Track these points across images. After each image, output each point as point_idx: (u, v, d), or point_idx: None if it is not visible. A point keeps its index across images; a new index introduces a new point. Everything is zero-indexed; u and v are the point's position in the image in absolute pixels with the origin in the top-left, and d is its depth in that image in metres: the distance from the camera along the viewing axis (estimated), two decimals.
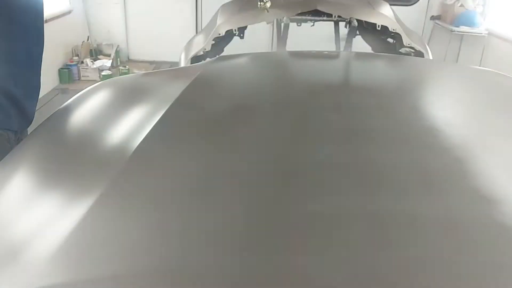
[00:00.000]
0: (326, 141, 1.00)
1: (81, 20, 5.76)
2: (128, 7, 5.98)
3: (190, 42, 3.06)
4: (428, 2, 5.97)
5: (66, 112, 1.23)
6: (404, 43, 2.73)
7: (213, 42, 2.56)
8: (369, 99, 1.28)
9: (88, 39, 5.70)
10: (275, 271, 0.61)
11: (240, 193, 0.77)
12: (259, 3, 1.88)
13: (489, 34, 5.30)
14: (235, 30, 2.77)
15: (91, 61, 5.28)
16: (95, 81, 5.18)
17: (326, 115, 1.14)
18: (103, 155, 0.95)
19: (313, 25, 3.11)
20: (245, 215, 0.71)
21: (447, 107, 1.28)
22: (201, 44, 2.73)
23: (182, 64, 2.68)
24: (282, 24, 3.06)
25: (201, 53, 2.56)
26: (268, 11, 2.03)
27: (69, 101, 1.29)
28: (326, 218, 0.72)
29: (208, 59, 2.61)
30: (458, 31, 5.40)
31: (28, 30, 1.39)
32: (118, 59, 5.84)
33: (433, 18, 6.07)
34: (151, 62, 6.13)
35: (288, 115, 1.16)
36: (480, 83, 1.57)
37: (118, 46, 5.92)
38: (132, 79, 1.68)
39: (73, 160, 0.95)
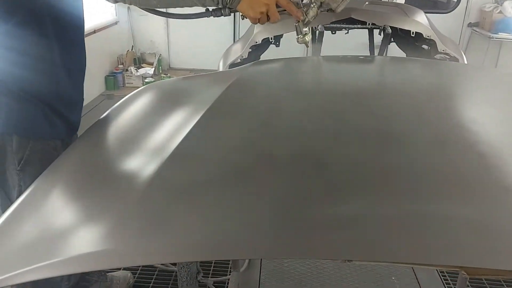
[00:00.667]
0: (358, 139, 1.08)
1: (126, 31, 6.08)
2: (170, 19, 6.25)
3: (228, 50, 3.22)
4: (466, 9, 5.91)
5: (113, 115, 1.31)
6: (439, 49, 2.77)
7: (250, 50, 2.67)
8: (404, 101, 1.35)
9: (132, 49, 6.01)
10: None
11: (277, 179, 0.89)
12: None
13: None
14: (271, 38, 2.89)
15: (135, 69, 5.56)
16: (138, 87, 5.47)
17: (359, 116, 1.21)
18: (148, 153, 1.03)
19: (347, 32, 3.20)
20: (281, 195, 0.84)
21: (481, 108, 1.34)
22: (238, 51, 2.86)
23: (220, 71, 2.82)
24: (317, 32, 3.16)
25: (238, 60, 2.68)
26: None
27: (116, 104, 1.38)
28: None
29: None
30: (496, 38, 5.33)
31: (71, 44, 1.42)
32: (160, 67, 6.10)
33: (470, 25, 6.00)
34: (190, 70, 6.36)
35: (321, 114, 1.24)
36: None
37: (160, 55, 6.20)
38: (173, 83, 1.78)
39: (118, 160, 1.04)
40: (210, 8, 1.38)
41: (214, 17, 1.37)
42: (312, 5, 1.44)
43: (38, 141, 1.42)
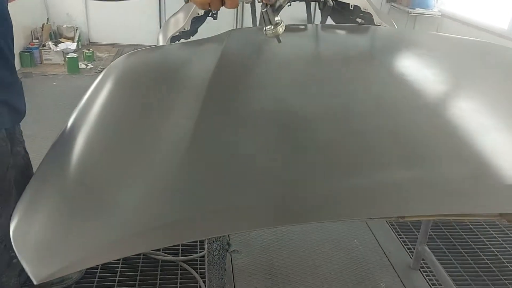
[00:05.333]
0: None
1: (39, 2, 5.55)
2: None
3: (167, 23, 3.10)
4: None
5: (106, 89, 1.23)
6: (375, 22, 2.91)
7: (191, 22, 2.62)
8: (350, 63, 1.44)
9: (47, 22, 5.51)
10: None
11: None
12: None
13: (442, 15, 5.64)
14: (213, 10, 2.83)
15: (54, 44, 5.12)
16: (59, 65, 5.09)
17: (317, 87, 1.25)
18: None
19: (290, 5, 3.22)
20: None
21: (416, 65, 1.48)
22: (180, 24, 2.77)
23: (161, 43, 2.71)
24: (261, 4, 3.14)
25: (179, 33, 2.62)
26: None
27: (99, 79, 1.30)
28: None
29: (183, 40, 2.70)
30: (414, 13, 5.71)
31: None
32: (79, 42, 5.69)
33: (389, 0, 6.36)
34: (113, 45, 6.02)
35: (300, 82, 1.27)
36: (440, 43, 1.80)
37: (77, 29, 5.77)
38: (164, 51, 1.69)
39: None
40: None
41: None
42: None
43: None
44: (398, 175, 0.79)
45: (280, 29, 1.01)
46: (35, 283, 0.59)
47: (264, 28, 1.01)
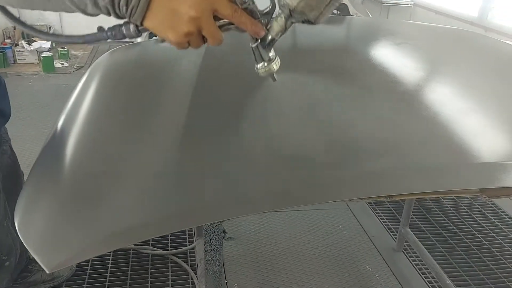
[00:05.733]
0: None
1: None
2: None
3: None
4: None
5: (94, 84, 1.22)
6: (350, 13, 2.97)
7: None
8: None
9: None
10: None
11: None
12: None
13: (415, 4, 5.77)
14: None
15: (27, 43, 5.02)
16: (33, 64, 4.99)
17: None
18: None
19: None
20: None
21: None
22: None
23: (139, 39, 2.71)
24: None
25: None
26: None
27: (87, 73, 1.29)
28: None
29: None
30: (387, 3, 5.81)
31: None
32: None
33: None
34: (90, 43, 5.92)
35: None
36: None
37: (51, 27, 5.66)
38: (147, 47, 1.70)
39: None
40: (106, 27, 0.78)
41: (113, 40, 0.78)
42: (277, 15, 0.80)
43: None
44: (383, 157, 0.84)
45: (274, 66, 0.83)
46: (47, 272, 0.61)
47: (256, 66, 0.83)
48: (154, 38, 2.51)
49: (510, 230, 2.45)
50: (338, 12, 3.33)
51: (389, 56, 1.49)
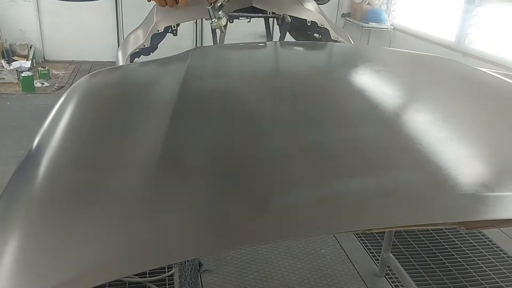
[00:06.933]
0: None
1: None
2: (41, 5, 5.67)
3: (126, 39, 3.06)
4: (339, 1, 6.46)
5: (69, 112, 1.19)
6: (332, 37, 3.00)
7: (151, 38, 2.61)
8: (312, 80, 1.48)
9: None
10: None
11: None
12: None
13: (394, 29, 5.90)
14: (173, 26, 2.84)
15: (6, 63, 4.94)
16: (12, 83, 4.90)
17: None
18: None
19: (250, 21, 3.27)
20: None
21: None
22: (139, 40, 2.75)
23: (121, 61, 2.69)
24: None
25: (139, 49, 2.60)
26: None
27: (61, 102, 1.24)
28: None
29: (143, 57, 2.69)
30: (367, 27, 5.93)
31: None
32: (34, 59, 5.52)
33: (344, 15, 6.58)
34: (70, 62, 5.87)
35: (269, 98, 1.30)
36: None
37: (32, 46, 5.60)
38: (127, 70, 1.68)
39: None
40: None
41: None
42: None
43: None
44: (361, 188, 0.82)
45: (222, 21, 1.32)
46: None
47: (210, 22, 1.31)
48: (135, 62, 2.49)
49: (494, 257, 2.45)
50: (320, 36, 3.36)
51: (370, 83, 1.50)
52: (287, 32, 3.55)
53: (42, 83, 4.95)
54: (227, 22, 1.36)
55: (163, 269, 2.13)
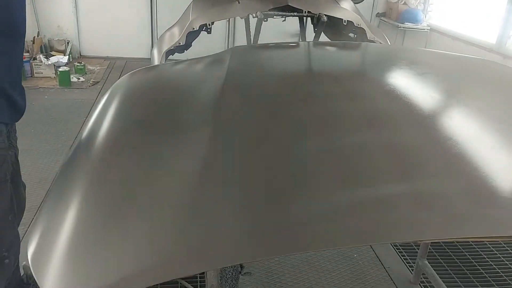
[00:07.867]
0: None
1: (30, 15, 5.52)
2: (78, 2, 5.80)
3: (162, 37, 3.09)
4: (374, 0, 6.34)
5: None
6: (368, 37, 2.94)
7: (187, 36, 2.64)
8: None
9: (38, 35, 5.47)
10: None
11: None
12: None
13: (431, 29, 5.74)
14: (209, 25, 2.86)
15: (45, 57, 5.08)
16: (50, 78, 5.03)
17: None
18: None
19: (285, 20, 3.25)
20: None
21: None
22: (175, 38, 2.78)
23: (156, 58, 2.71)
24: (256, 19, 3.16)
25: (174, 47, 2.63)
26: (239, 2, 1.62)
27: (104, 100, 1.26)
28: None
29: (177, 54, 2.71)
30: (403, 27, 5.80)
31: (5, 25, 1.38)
32: (70, 55, 5.65)
33: (378, 15, 6.45)
34: (105, 58, 5.99)
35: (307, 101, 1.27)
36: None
37: (69, 42, 5.74)
38: (167, 70, 1.69)
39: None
40: None
41: None
42: None
43: None
44: (403, 200, 0.79)
45: None
46: None
47: None
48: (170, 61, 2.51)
49: None
50: (355, 36, 3.30)
51: (409, 87, 1.44)
52: (323, 32, 3.52)
53: (78, 78, 5.06)
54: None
55: None
